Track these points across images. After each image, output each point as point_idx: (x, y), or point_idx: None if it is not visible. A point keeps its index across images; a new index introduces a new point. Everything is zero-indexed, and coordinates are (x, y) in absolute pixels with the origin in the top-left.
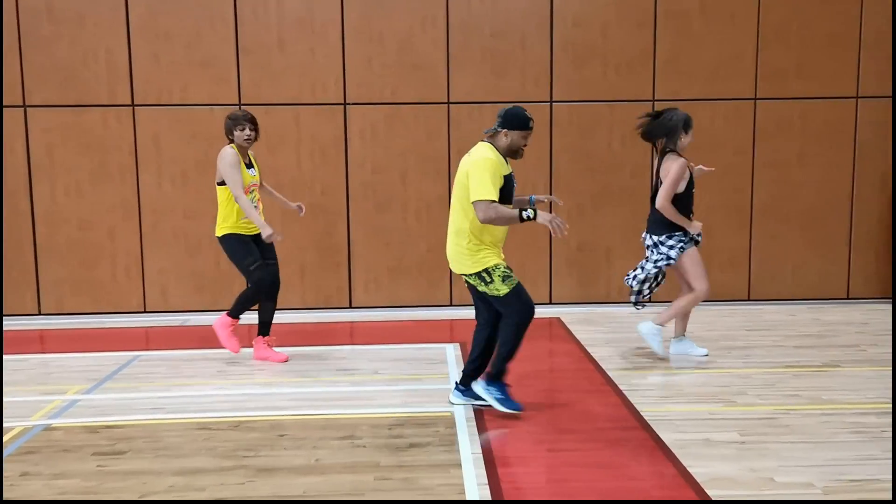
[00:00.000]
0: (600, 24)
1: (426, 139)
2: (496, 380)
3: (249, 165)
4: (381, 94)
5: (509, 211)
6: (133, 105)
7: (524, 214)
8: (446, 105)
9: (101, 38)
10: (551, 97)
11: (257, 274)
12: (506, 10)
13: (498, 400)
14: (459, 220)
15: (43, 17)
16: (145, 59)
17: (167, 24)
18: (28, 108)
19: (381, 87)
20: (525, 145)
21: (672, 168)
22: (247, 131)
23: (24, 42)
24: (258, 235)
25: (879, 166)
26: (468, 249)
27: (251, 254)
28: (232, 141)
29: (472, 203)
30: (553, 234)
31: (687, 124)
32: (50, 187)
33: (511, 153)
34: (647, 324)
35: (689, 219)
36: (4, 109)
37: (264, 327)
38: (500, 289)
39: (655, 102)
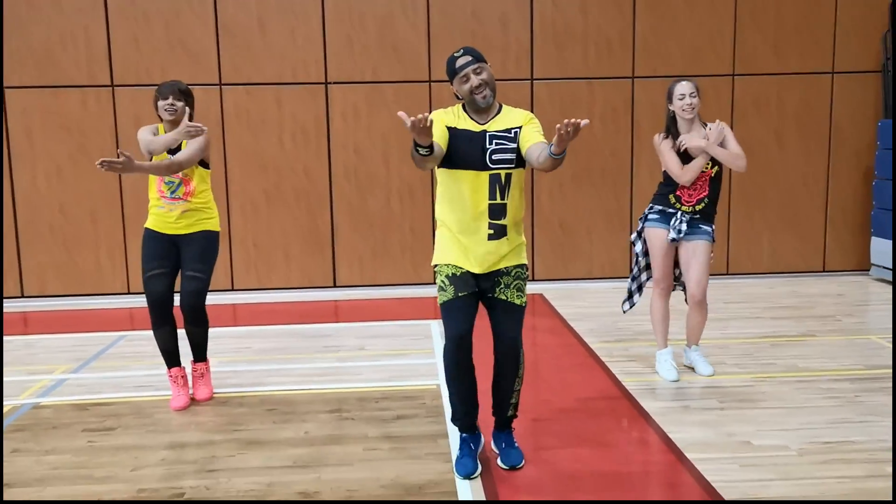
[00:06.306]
0: (580, 3)
1: None
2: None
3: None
4: (363, 74)
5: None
6: (112, 86)
7: (419, 150)
8: (427, 84)
9: (78, 19)
10: (532, 75)
11: (147, 286)
12: None
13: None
14: None
15: None
16: (124, 41)
17: (145, 4)
18: (6, 90)
19: (361, 68)
20: (474, 88)
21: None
22: (170, 100)
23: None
24: (183, 236)
25: (854, 143)
26: (437, 235)
27: (147, 261)
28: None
29: None
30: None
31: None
32: (31, 171)
33: (470, 103)
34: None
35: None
36: None
37: (170, 357)
38: (438, 296)
39: (634, 80)
